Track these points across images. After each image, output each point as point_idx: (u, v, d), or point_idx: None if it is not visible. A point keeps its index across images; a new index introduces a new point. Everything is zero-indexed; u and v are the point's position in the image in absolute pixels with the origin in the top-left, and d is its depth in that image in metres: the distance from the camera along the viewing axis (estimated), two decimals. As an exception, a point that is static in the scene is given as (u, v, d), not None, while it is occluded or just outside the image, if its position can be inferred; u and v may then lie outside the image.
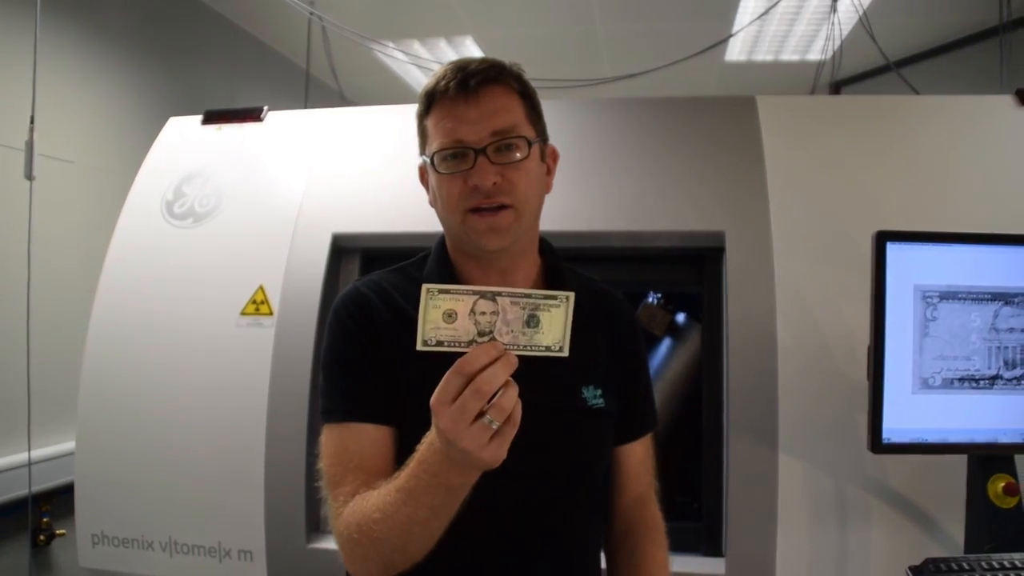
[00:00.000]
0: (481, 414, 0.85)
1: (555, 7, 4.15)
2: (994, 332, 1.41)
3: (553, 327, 0.91)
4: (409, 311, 1.16)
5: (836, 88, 4.77)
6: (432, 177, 1.16)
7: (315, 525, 1.84)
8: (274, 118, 2.21)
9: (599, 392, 1.20)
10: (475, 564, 1.12)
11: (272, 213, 2.00)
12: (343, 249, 1.97)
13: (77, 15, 3.13)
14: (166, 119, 2.34)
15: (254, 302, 1.91)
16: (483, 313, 0.89)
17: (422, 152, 1.20)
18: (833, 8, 3.50)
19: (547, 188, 1.22)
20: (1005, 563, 1.31)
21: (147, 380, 1.93)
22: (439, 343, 0.89)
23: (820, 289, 1.73)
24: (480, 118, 1.10)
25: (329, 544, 1.79)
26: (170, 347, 1.94)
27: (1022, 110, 1.91)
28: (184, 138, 2.23)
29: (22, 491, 2.59)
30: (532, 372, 0.94)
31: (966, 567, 1.30)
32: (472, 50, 4.70)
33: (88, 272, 2.25)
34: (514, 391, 0.87)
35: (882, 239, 1.40)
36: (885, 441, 1.41)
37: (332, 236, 1.93)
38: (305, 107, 3.88)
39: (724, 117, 1.99)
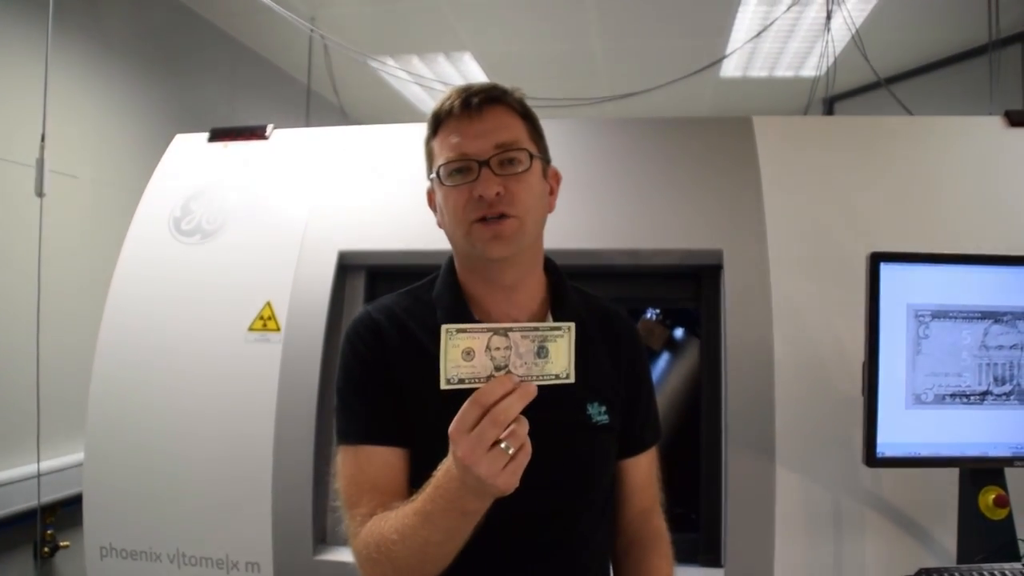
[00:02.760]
0: (497, 443, 0.90)
1: (553, 24, 4.21)
2: (984, 349, 1.44)
3: (560, 356, 0.97)
4: (419, 335, 1.21)
5: (830, 104, 4.83)
6: (439, 193, 1.20)
7: (322, 537, 1.86)
8: (279, 136, 2.25)
9: (604, 408, 1.23)
10: None
11: (278, 230, 2.03)
12: (349, 266, 2.00)
13: (82, 31, 3.16)
14: (169, 134, 2.37)
15: (261, 318, 1.94)
16: (498, 348, 0.95)
17: (429, 173, 1.23)
18: (827, 27, 3.56)
19: (550, 207, 1.26)
20: (996, 573, 1.34)
21: (156, 394, 1.95)
22: (460, 380, 0.94)
23: (816, 306, 1.77)
24: (483, 133, 1.16)
25: (335, 556, 1.82)
26: (178, 362, 1.96)
27: (1011, 131, 1.94)
28: (191, 155, 2.26)
29: (27, 503, 2.62)
30: (539, 390, 0.97)
31: (958, 577, 1.34)
32: (471, 66, 4.75)
33: (96, 285, 2.28)
34: (526, 423, 0.92)
35: (876, 260, 1.44)
36: (879, 455, 1.44)
37: (338, 253, 1.96)
38: (306, 122, 3.94)
39: (721, 137, 2.03)
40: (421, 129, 2.20)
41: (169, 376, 1.96)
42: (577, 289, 1.33)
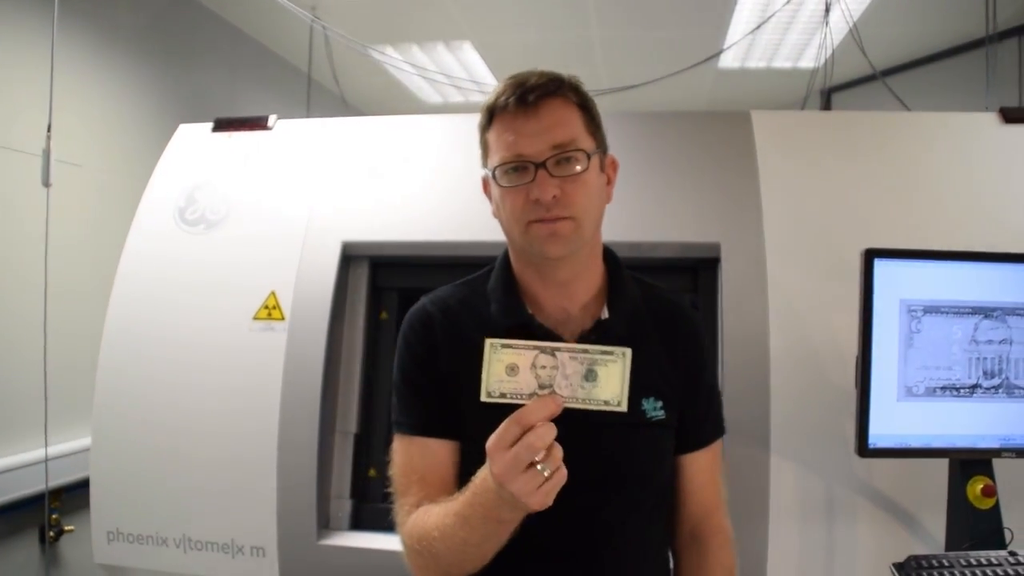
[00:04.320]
0: (534, 463, 0.91)
1: (552, 13, 4.21)
2: (974, 344, 1.48)
3: (611, 382, 0.95)
4: (471, 328, 1.21)
5: (828, 95, 4.84)
6: (494, 190, 1.19)
7: (325, 522, 1.90)
8: (283, 127, 2.26)
9: (659, 404, 1.20)
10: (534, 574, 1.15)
11: (282, 221, 2.05)
12: (352, 257, 2.02)
13: (86, 20, 3.17)
14: (171, 122, 2.39)
15: (266, 307, 1.97)
16: (543, 367, 0.94)
17: (484, 165, 1.22)
18: (825, 20, 3.57)
19: (607, 198, 1.24)
20: (982, 560, 1.38)
21: (162, 381, 1.98)
22: (502, 395, 0.95)
23: (811, 300, 1.79)
24: (540, 132, 1.13)
25: (338, 541, 1.86)
26: (184, 349, 1.99)
27: (1006, 127, 1.96)
28: (195, 145, 2.27)
29: (32, 488, 2.64)
30: None
31: (946, 564, 1.38)
32: (470, 55, 4.76)
33: (101, 272, 2.30)
34: (560, 449, 0.93)
35: (870, 256, 1.47)
36: (871, 446, 1.48)
37: (342, 244, 1.98)
38: (307, 111, 3.95)
39: (720, 131, 2.05)
40: (424, 120, 2.24)
41: (175, 363, 1.98)
42: (638, 280, 1.31)
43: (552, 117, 1.14)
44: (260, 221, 2.07)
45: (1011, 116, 1.97)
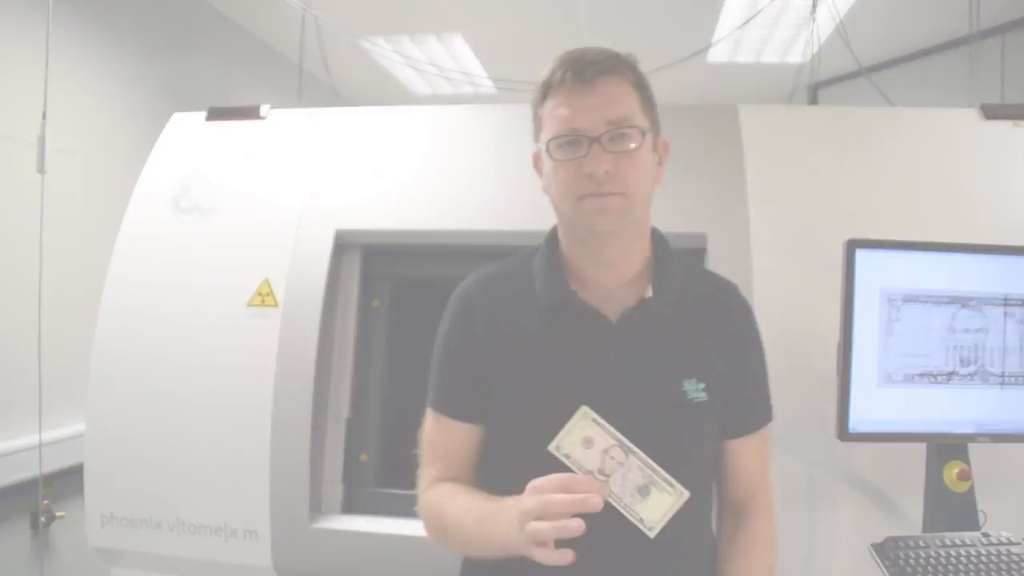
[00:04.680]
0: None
1: (542, 6, 4.23)
2: (951, 332, 1.52)
3: (657, 509, 1.00)
4: (512, 308, 1.23)
5: (814, 90, 4.88)
6: (547, 164, 1.19)
7: (318, 506, 1.92)
8: (277, 117, 2.27)
9: (701, 386, 1.19)
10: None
11: (276, 209, 2.07)
12: (345, 245, 2.04)
13: (80, 9, 3.16)
14: (161, 110, 2.39)
15: (260, 294, 1.99)
16: (613, 458, 1.00)
17: (536, 140, 1.22)
18: (813, 17, 3.61)
19: (658, 179, 1.24)
20: (957, 541, 1.44)
21: (156, 367, 1.99)
22: (566, 455, 1.01)
23: (794, 289, 1.82)
24: (596, 107, 1.13)
25: (331, 524, 1.89)
26: (178, 336, 2.00)
27: (986, 123, 2.00)
28: (188, 134, 2.28)
29: (24, 474, 2.66)
30: (633, 364, 1.01)
31: (923, 545, 1.43)
32: (461, 47, 4.76)
33: (95, 259, 2.31)
34: (573, 527, 0.95)
35: (852, 246, 1.51)
36: (852, 430, 1.52)
37: (335, 232, 2.00)
38: (299, 101, 3.95)
39: (707, 124, 2.07)
40: (416, 111, 2.26)
41: (169, 350, 2.00)
42: (683, 263, 1.31)
43: (609, 93, 1.14)
44: (254, 209, 2.09)
45: (992, 113, 2.00)
